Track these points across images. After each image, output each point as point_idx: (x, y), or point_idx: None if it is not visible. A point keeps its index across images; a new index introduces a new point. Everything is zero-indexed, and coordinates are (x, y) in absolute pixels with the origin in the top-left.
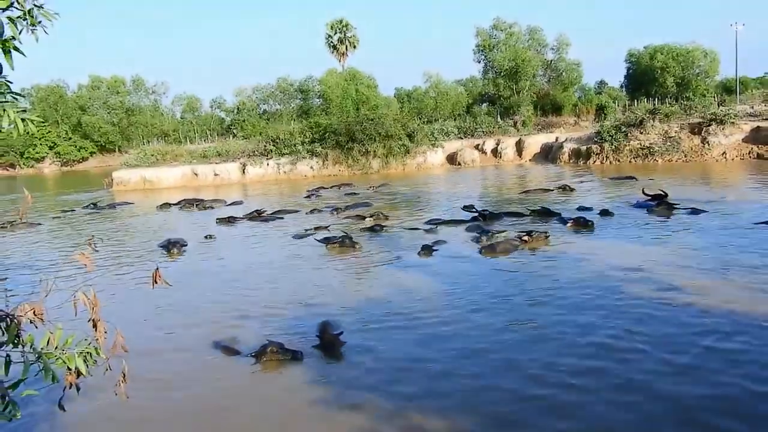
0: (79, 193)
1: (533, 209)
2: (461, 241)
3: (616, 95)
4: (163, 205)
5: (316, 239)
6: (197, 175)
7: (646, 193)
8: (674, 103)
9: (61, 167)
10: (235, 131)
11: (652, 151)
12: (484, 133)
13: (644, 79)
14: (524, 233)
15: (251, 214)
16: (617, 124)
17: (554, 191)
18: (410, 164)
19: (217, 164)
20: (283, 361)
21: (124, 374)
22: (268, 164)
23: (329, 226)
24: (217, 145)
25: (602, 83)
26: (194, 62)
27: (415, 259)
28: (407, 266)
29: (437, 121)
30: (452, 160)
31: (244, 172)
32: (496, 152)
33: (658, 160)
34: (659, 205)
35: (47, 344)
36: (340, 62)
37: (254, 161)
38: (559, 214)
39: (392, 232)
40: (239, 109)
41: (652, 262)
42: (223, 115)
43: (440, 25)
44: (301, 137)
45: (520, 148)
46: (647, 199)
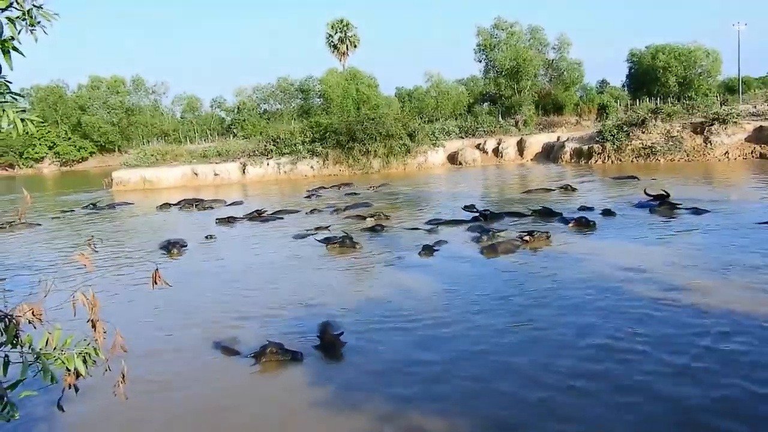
0: (78, 193)
1: (534, 209)
2: (462, 241)
3: (617, 95)
4: (162, 205)
5: (316, 239)
6: (197, 175)
7: (648, 193)
8: (676, 102)
9: (60, 167)
10: (235, 131)
11: (654, 150)
12: (485, 132)
13: (646, 78)
14: (525, 233)
15: (251, 214)
16: (619, 123)
17: (556, 191)
18: (411, 164)
19: (217, 164)
20: (283, 361)
21: (123, 375)
22: (268, 164)
23: (329, 226)
24: (217, 144)
25: (604, 83)
26: (194, 62)
27: (415, 259)
28: (408, 266)
29: (438, 120)
30: (453, 159)
31: (244, 172)
32: (497, 152)
33: (660, 159)
34: (661, 205)
35: (46, 345)
36: (340, 62)
37: (254, 161)
38: (560, 214)
39: (393, 232)
40: (239, 108)
41: (654, 262)
42: (223, 114)
43: (441, 24)
44: (301, 137)
45: (521, 147)
46: (649, 199)
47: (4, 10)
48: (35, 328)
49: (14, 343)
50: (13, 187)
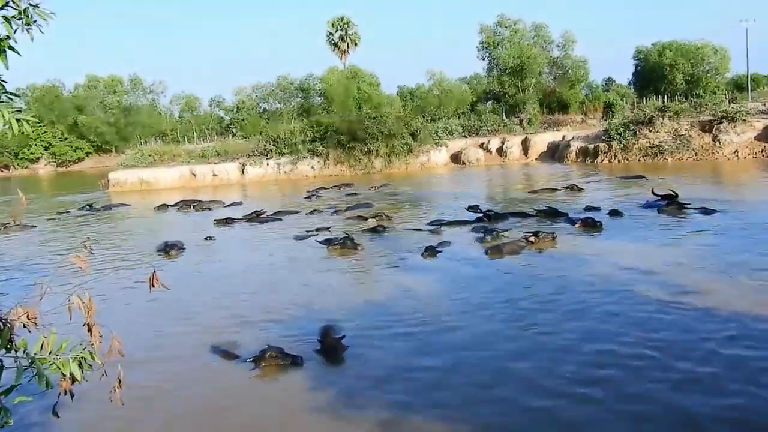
0: (74, 194)
1: (540, 209)
2: (466, 242)
3: (624, 93)
4: (160, 206)
5: (317, 241)
6: (195, 175)
7: (655, 193)
8: (684, 100)
9: (56, 168)
10: (234, 130)
11: (661, 149)
12: (488, 131)
13: (653, 76)
14: (531, 234)
15: (250, 215)
16: (626, 122)
17: (561, 191)
18: (413, 164)
19: (215, 164)
20: (283, 366)
21: (119, 380)
22: (267, 164)
23: (330, 227)
24: (215, 144)
25: (610, 80)
26: (193, 62)
27: (418, 260)
28: (410, 268)
29: (441, 119)
30: (456, 159)
31: (243, 172)
32: (501, 151)
33: (667, 158)
34: (669, 205)
35: (41, 349)
36: (341, 60)
37: (254, 161)
38: (566, 214)
39: (395, 233)
40: (239, 107)
41: (661, 264)
42: (222, 114)
43: (443, 22)
44: (301, 136)
45: (525, 146)
46: (657, 199)
47: (0, 9)
48: (30, 332)
49: (8, 347)
50: (8, 188)
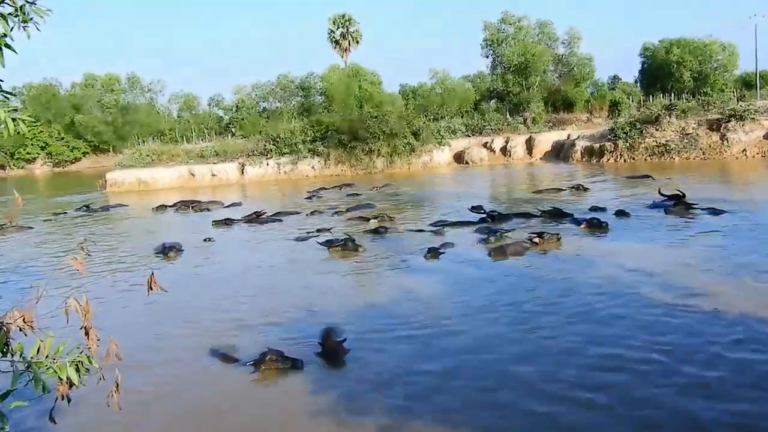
0: (71, 195)
1: (544, 210)
2: (469, 243)
3: (630, 91)
4: (158, 207)
5: (317, 242)
6: (194, 175)
7: (662, 193)
8: (691, 98)
9: (53, 168)
10: (233, 130)
11: (668, 148)
12: (492, 130)
13: (660, 73)
14: (535, 235)
15: (250, 216)
16: (632, 120)
17: (567, 191)
18: (416, 163)
19: (214, 164)
20: (283, 369)
21: (117, 384)
22: (267, 164)
23: (331, 228)
24: (215, 144)
25: (616, 78)
26: (192, 60)
27: (421, 262)
28: (413, 270)
29: (444, 118)
30: (459, 158)
31: (242, 172)
32: (505, 150)
33: (674, 157)
34: (676, 205)
35: (37, 353)
36: (342, 58)
37: (253, 161)
38: (571, 214)
39: (397, 234)
40: (238, 107)
41: (669, 265)
42: (221, 113)
43: (446, 19)
44: (302, 136)
45: (530, 146)
46: (664, 199)
47: None
48: (26, 335)
49: (4, 351)
50: (4, 188)
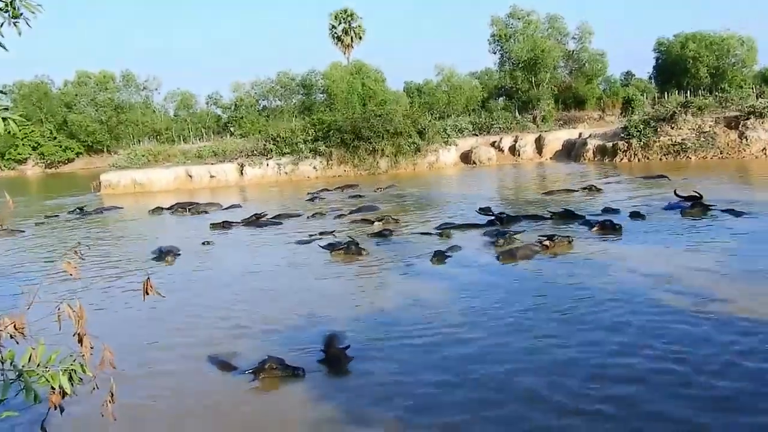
0: (64, 197)
1: (555, 212)
2: (477, 246)
3: (644, 87)
4: (154, 209)
5: (319, 245)
6: (192, 176)
7: (678, 194)
8: (708, 95)
9: (45, 169)
10: (232, 129)
11: (684, 147)
12: (500, 129)
13: (675, 69)
14: (545, 238)
15: (249, 218)
16: (646, 118)
17: (578, 192)
18: (421, 163)
19: (212, 165)
20: (283, 377)
21: (111, 394)
22: (267, 164)
23: (334, 231)
24: (213, 144)
25: (629, 74)
26: (189, 57)
27: (427, 266)
28: (418, 274)
29: (450, 116)
30: (466, 158)
31: (242, 173)
32: (514, 150)
33: (691, 157)
34: (694, 207)
35: (29, 361)
36: (344, 54)
37: (253, 161)
38: (583, 217)
39: (402, 237)
40: (237, 105)
41: (687, 270)
42: (219, 111)
43: (452, 14)
44: (303, 135)
45: (540, 145)
46: (680, 200)
47: None
48: (17, 343)
49: None
50: None
